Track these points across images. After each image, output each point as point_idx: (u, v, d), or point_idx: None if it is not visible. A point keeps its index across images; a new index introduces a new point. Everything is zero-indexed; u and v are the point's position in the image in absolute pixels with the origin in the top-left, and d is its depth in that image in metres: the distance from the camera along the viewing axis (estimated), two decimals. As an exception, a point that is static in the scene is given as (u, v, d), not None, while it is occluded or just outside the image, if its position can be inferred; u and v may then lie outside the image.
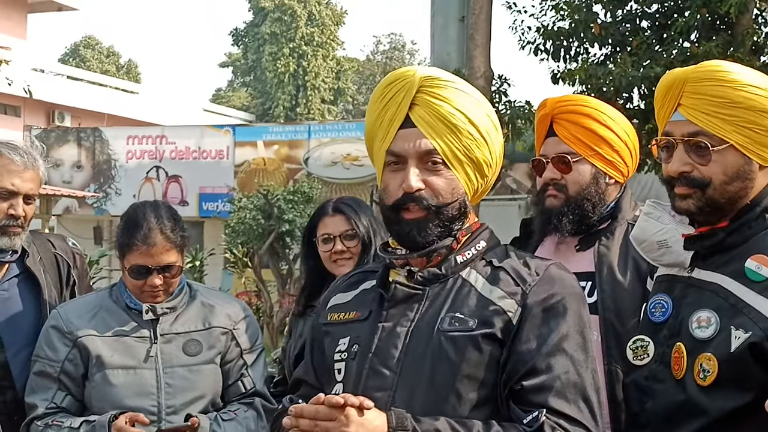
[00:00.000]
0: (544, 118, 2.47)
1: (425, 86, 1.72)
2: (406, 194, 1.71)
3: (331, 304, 1.87)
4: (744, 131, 1.79)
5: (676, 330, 1.86)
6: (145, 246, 2.48)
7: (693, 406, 1.78)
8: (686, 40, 10.68)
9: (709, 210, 1.84)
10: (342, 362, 1.75)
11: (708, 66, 1.85)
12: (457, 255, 1.76)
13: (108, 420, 2.40)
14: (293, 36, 37.54)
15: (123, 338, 2.54)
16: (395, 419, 1.56)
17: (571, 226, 2.40)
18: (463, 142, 1.71)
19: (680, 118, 1.85)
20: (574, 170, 2.41)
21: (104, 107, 25.61)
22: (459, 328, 1.67)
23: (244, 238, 16.20)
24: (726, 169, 1.81)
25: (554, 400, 1.61)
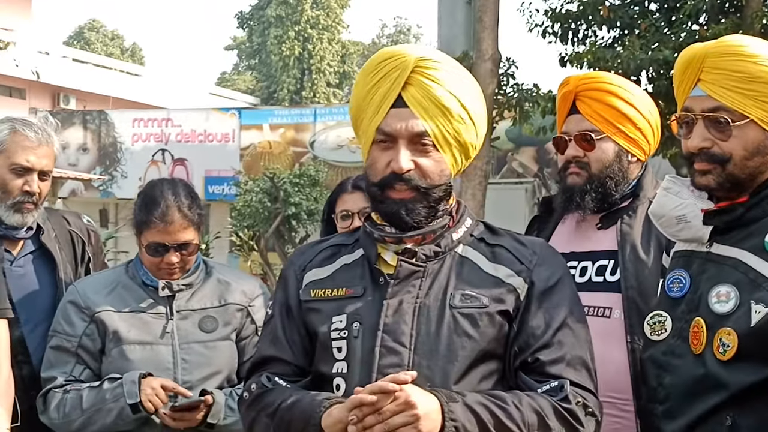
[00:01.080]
0: (567, 96, 2.45)
1: (420, 67, 1.73)
2: (393, 173, 1.73)
3: (309, 280, 1.84)
4: (764, 106, 1.79)
5: (695, 305, 1.86)
6: (162, 224, 2.49)
7: (713, 380, 1.78)
8: (695, 23, 10.63)
9: (729, 185, 1.83)
10: (342, 340, 1.73)
11: (728, 41, 1.85)
12: (452, 233, 1.81)
13: (138, 377, 2.41)
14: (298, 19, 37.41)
15: (140, 314, 2.55)
16: (444, 395, 1.60)
17: (593, 204, 2.39)
18: (453, 126, 1.73)
19: (700, 93, 1.84)
20: (597, 148, 2.40)
21: (109, 90, 25.56)
22: (473, 305, 1.72)
23: (250, 222, 16.22)
24: (746, 145, 1.81)
25: (568, 371, 1.71)
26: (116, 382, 2.45)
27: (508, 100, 11.10)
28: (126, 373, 2.47)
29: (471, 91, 1.78)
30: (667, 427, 1.86)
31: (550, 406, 1.65)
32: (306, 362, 1.82)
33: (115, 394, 2.43)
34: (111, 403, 2.43)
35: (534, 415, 1.63)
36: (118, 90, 26.20)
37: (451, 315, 1.71)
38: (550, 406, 1.65)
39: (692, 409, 1.81)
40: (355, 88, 1.83)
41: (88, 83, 25.76)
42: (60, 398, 2.50)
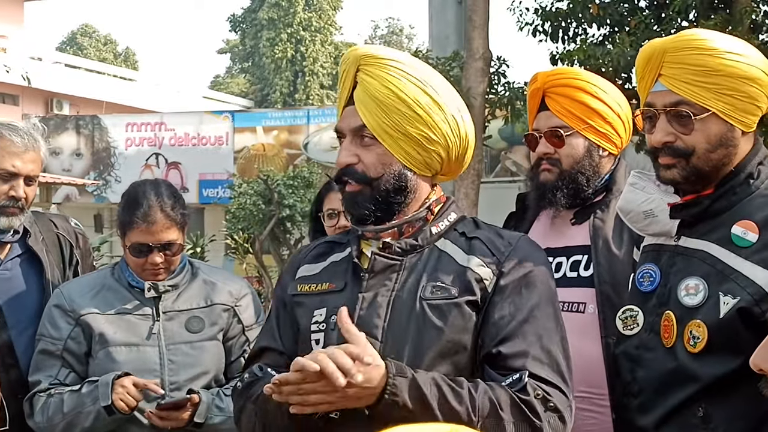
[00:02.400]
0: (535, 93, 2.47)
1: (362, 65, 1.79)
2: (340, 169, 1.80)
3: (299, 275, 1.90)
4: (725, 98, 1.81)
5: (665, 298, 1.89)
6: (145, 224, 2.51)
7: (684, 373, 1.81)
8: (684, 19, 10.66)
9: (694, 178, 1.86)
10: (320, 333, 1.78)
11: (687, 35, 1.87)
12: (431, 226, 1.83)
13: (112, 378, 2.44)
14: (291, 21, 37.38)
15: (125, 316, 2.57)
16: (395, 366, 1.61)
17: (565, 200, 2.41)
18: (391, 118, 1.76)
19: (661, 88, 1.86)
20: (567, 144, 2.41)
21: (103, 95, 25.54)
22: (441, 295, 1.74)
23: (244, 224, 16.22)
24: (709, 137, 1.83)
25: (531, 365, 1.69)
26: (93, 385, 2.47)
27: (499, 99, 11.12)
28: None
29: (414, 84, 1.78)
30: (642, 421, 1.89)
31: (507, 398, 1.65)
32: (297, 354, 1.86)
33: (92, 397, 2.46)
34: (89, 406, 2.45)
35: (488, 403, 1.63)
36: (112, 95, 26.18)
37: (421, 307, 1.73)
38: (508, 398, 1.65)
39: (665, 402, 1.84)
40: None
41: (81, 88, 25.74)
42: (44, 402, 2.53)
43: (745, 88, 1.81)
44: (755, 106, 1.85)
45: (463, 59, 10.53)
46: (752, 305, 1.73)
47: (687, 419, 1.80)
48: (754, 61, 1.83)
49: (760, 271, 1.73)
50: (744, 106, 1.83)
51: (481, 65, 10.30)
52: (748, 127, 1.86)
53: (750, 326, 1.74)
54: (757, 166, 1.87)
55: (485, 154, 15.11)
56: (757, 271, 1.74)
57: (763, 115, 1.89)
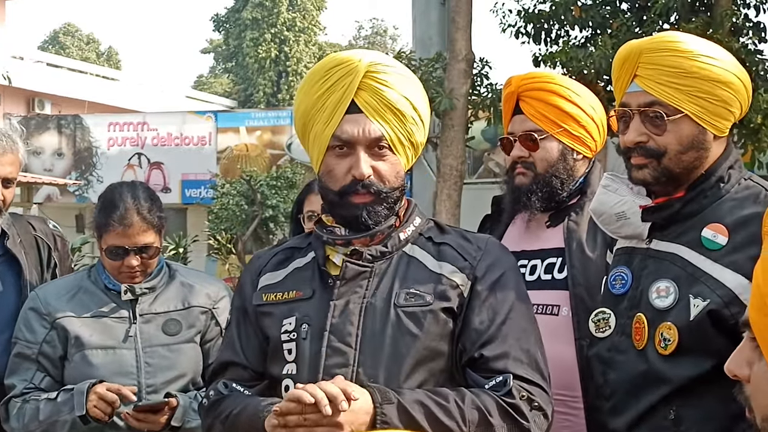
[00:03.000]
0: (510, 96, 2.48)
1: (371, 72, 1.76)
2: (354, 180, 1.75)
3: (262, 284, 1.87)
4: (698, 101, 1.83)
5: (637, 301, 1.90)
6: (121, 227, 2.50)
7: (655, 375, 1.82)
8: (666, 22, 10.73)
9: (665, 180, 1.87)
10: (291, 342, 1.76)
11: (663, 37, 1.89)
12: (399, 232, 1.82)
13: (87, 387, 2.43)
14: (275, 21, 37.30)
15: (102, 319, 2.56)
16: (379, 394, 1.62)
17: (540, 204, 2.42)
18: (407, 128, 1.77)
19: (636, 88, 1.88)
20: (541, 147, 2.42)
21: (85, 94, 25.38)
22: (416, 303, 1.74)
23: (227, 225, 16.18)
24: (681, 139, 1.85)
25: (513, 366, 1.71)
26: (69, 394, 2.46)
27: (482, 101, 11.15)
28: (88, 379, 2.48)
29: (419, 93, 1.81)
30: (614, 423, 1.90)
31: (493, 403, 1.67)
32: (263, 366, 1.85)
33: (68, 406, 2.44)
34: (66, 414, 2.44)
35: (476, 412, 1.64)
36: (94, 94, 26.04)
37: (396, 314, 1.73)
38: (494, 403, 1.67)
39: (637, 404, 1.85)
40: (302, 96, 1.83)
41: (63, 88, 25.57)
42: (19, 408, 2.52)
43: (719, 91, 1.83)
44: (728, 111, 1.87)
45: (446, 60, 10.55)
46: (722, 308, 1.75)
47: (658, 421, 1.82)
48: (728, 65, 1.85)
49: (730, 273, 1.75)
50: (716, 109, 1.85)
51: (464, 67, 10.32)
52: (720, 132, 1.88)
53: (720, 329, 1.76)
54: (727, 170, 1.89)
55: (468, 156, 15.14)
56: (727, 274, 1.76)
57: (735, 121, 1.91)
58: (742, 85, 1.86)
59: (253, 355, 1.84)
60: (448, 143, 10.31)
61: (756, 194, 1.85)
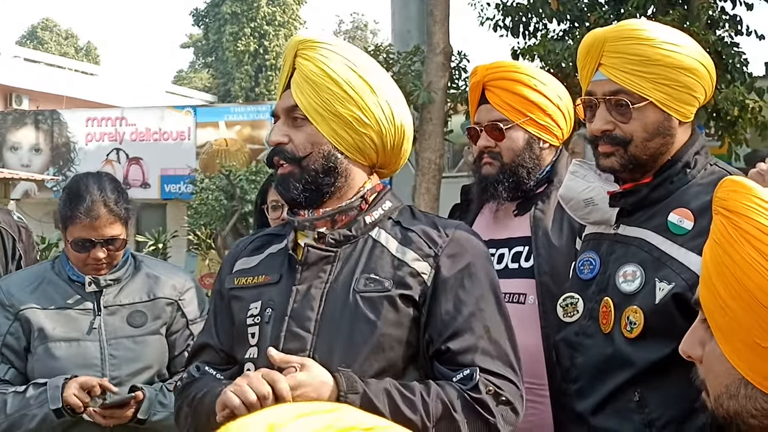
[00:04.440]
0: (475, 86, 2.47)
1: (300, 49, 1.79)
2: (272, 149, 1.80)
3: (236, 269, 1.88)
4: (663, 88, 1.83)
5: (604, 285, 1.90)
6: (87, 219, 2.46)
7: (620, 358, 1.83)
8: (643, 15, 10.77)
9: (632, 167, 1.88)
10: (256, 326, 1.77)
11: (626, 25, 1.89)
12: (365, 216, 1.80)
13: (63, 382, 2.40)
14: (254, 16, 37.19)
15: (66, 311, 2.53)
16: (346, 383, 1.60)
17: (507, 193, 2.41)
18: (322, 97, 1.75)
19: (601, 77, 1.88)
20: (507, 137, 2.42)
21: (63, 90, 25.20)
22: (375, 288, 1.72)
23: (206, 220, 16.12)
24: (646, 126, 1.85)
25: (480, 359, 1.68)
26: (41, 388, 2.43)
27: (460, 94, 11.16)
28: (52, 371, 2.45)
29: (346, 66, 1.77)
30: (580, 406, 1.91)
31: (458, 397, 1.65)
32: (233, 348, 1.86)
33: (39, 400, 2.41)
34: (35, 408, 2.40)
35: (440, 406, 1.63)
36: (72, 90, 25.86)
37: (354, 299, 1.71)
38: (459, 397, 1.65)
39: (602, 386, 1.86)
40: None
41: (40, 83, 25.39)
42: None
43: (682, 78, 1.83)
44: (692, 97, 1.87)
45: (424, 54, 10.54)
46: (686, 291, 1.75)
47: (623, 404, 1.82)
48: (691, 52, 1.85)
49: (695, 257, 1.75)
50: (681, 96, 1.85)
51: (441, 60, 10.31)
52: (685, 117, 1.88)
53: (684, 312, 1.75)
54: (694, 155, 1.89)
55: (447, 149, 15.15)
56: (692, 258, 1.76)
57: (700, 106, 1.90)
58: (705, 70, 1.87)
59: (227, 339, 1.85)
60: (427, 137, 10.30)
61: (721, 179, 1.84)
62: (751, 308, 0.96)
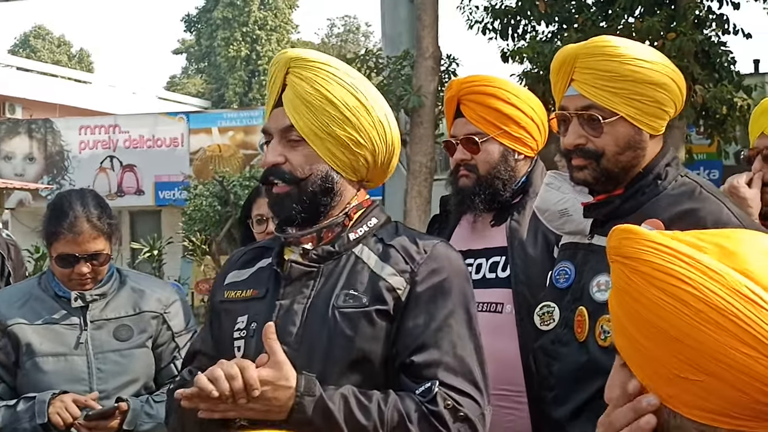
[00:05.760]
0: (451, 100, 2.51)
1: (292, 67, 1.79)
2: (266, 169, 1.81)
3: (227, 282, 1.91)
4: (633, 103, 1.87)
5: (579, 294, 1.94)
6: (71, 234, 2.49)
7: (595, 366, 1.86)
8: (630, 16, 10.83)
9: (605, 179, 1.91)
10: (242, 340, 1.80)
11: (597, 42, 1.92)
12: (349, 232, 1.82)
13: (49, 396, 2.43)
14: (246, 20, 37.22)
15: (53, 326, 2.55)
16: (304, 384, 1.62)
17: (483, 205, 2.45)
18: (320, 119, 1.76)
19: (573, 92, 1.92)
20: (483, 150, 2.45)
21: (56, 98, 25.24)
22: (352, 304, 1.74)
23: (201, 226, 16.13)
24: (617, 140, 1.88)
25: (443, 374, 1.69)
26: (30, 402, 2.46)
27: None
28: (40, 386, 2.48)
29: (343, 87, 1.78)
30: (556, 413, 1.94)
31: (416, 410, 1.65)
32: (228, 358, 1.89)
33: (29, 414, 2.44)
34: (25, 422, 2.43)
35: (396, 415, 1.64)
36: (66, 97, 25.88)
37: (333, 315, 1.73)
38: (417, 410, 1.65)
39: (579, 394, 1.89)
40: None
41: (33, 91, 25.41)
42: None
43: (652, 93, 1.87)
44: (662, 111, 1.91)
45: (413, 58, 10.57)
46: None
47: (599, 411, 1.84)
48: (661, 67, 1.89)
49: None
50: (651, 110, 1.88)
51: (431, 64, 10.35)
52: (655, 131, 1.92)
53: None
54: (665, 167, 1.93)
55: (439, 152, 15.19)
56: None
57: (670, 119, 1.94)
58: (675, 85, 1.90)
59: (219, 348, 1.87)
60: (417, 140, 10.34)
61: (691, 190, 1.89)
62: (665, 343, 0.98)
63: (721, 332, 0.95)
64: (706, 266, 0.99)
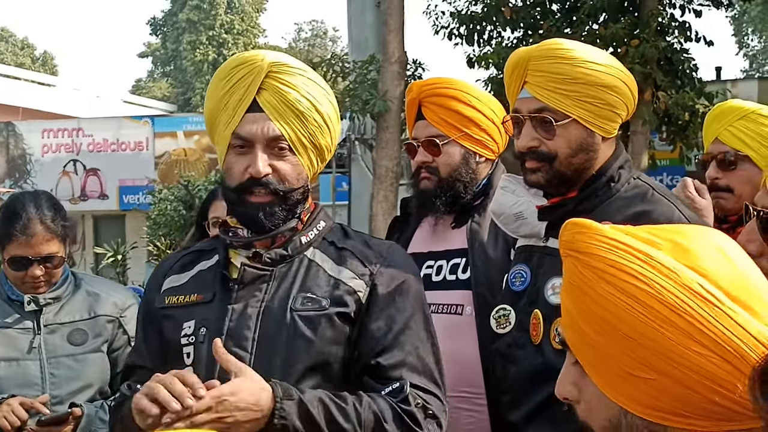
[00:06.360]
0: (412, 102, 2.51)
1: (274, 72, 1.74)
2: (251, 178, 1.74)
3: (166, 287, 1.86)
4: (585, 105, 1.87)
5: (534, 297, 1.94)
6: (24, 237, 2.45)
7: (550, 369, 1.85)
8: (594, 22, 10.94)
9: (558, 182, 1.92)
10: (190, 346, 1.76)
11: (549, 44, 1.93)
12: (301, 236, 1.81)
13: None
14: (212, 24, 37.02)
15: (5, 330, 2.51)
16: (281, 389, 1.61)
17: (444, 207, 2.45)
18: (308, 129, 1.75)
19: (526, 95, 1.92)
20: (444, 152, 2.45)
21: (19, 101, 24.88)
22: (312, 307, 1.73)
23: (166, 230, 16.00)
24: (570, 143, 1.89)
25: (408, 374, 1.72)
26: None
27: (417, 102, 11.23)
28: None
29: (324, 96, 1.79)
30: (512, 416, 1.94)
31: (389, 409, 1.67)
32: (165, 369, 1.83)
33: None
34: None
35: (371, 416, 1.65)
36: (29, 100, 25.52)
37: (291, 318, 1.72)
38: (390, 409, 1.67)
39: (534, 396, 1.89)
40: (209, 94, 1.83)
41: (-5, 94, 25.04)
42: None
43: (604, 95, 1.88)
44: (614, 113, 1.91)
45: (379, 63, 10.58)
46: None
47: (554, 413, 1.85)
48: (612, 70, 1.90)
49: None
50: (603, 113, 1.89)
51: (397, 69, 10.37)
52: (608, 133, 1.93)
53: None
54: (618, 170, 1.93)
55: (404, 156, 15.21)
56: None
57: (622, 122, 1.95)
58: (627, 88, 1.91)
59: (156, 358, 1.84)
60: (383, 145, 10.35)
61: (644, 193, 1.90)
62: (617, 340, 0.98)
63: (673, 330, 0.95)
64: (659, 263, 0.99)
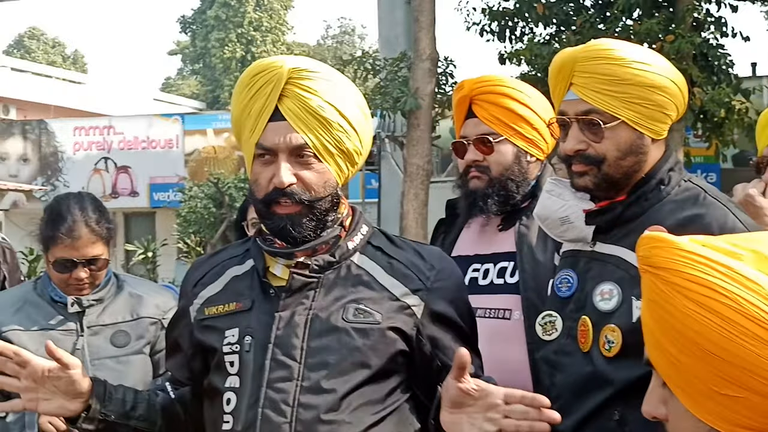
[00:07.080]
0: (462, 100, 2.47)
1: (294, 78, 1.70)
2: (276, 189, 1.70)
3: (204, 298, 1.83)
4: (634, 107, 1.83)
5: (582, 303, 1.90)
6: (69, 239, 2.46)
7: (599, 377, 1.83)
8: (629, 18, 10.83)
9: (606, 185, 1.88)
10: (234, 354, 1.73)
11: (596, 45, 1.89)
12: (347, 241, 1.78)
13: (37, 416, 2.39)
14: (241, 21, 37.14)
15: (49, 332, 2.52)
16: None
17: (496, 207, 2.41)
18: (333, 135, 1.71)
19: (573, 97, 1.88)
20: (496, 151, 2.41)
21: (51, 99, 25.16)
22: (365, 320, 1.70)
23: (196, 228, 16.12)
24: (619, 145, 1.85)
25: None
26: (18, 414, 2.43)
27: (448, 99, 11.18)
28: None
29: (350, 99, 1.75)
30: (560, 425, 1.91)
31: None
32: (185, 375, 1.88)
33: (19, 426, 2.43)
34: None
35: None
36: (60, 99, 25.80)
37: (344, 329, 1.69)
38: None
39: (582, 405, 1.86)
40: (234, 99, 1.79)
41: (28, 93, 25.33)
42: None
43: (653, 96, 1.84)
44: (664, 114, 1.87)
45: (410, 60, 10.56)
46: None
47: (603, 423, 1.82)
48: (661, 70, 1.86)
49: None
50: (652, 114, 1.85)
51: (428, 66, 10.36)
52: (657, 135, 1.89)
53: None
54: (667, 172, 1.89)
55: (436, 154, 15.17)
56: None
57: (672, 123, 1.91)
58: (677, 88, 1.87)
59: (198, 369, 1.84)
60: (414, 142, 10.33)
61: (695, 195, 1.86)
62: (702, 359, 0.95)
63: (760, 345, 0.91)
64: (741, 275, 0.95)
